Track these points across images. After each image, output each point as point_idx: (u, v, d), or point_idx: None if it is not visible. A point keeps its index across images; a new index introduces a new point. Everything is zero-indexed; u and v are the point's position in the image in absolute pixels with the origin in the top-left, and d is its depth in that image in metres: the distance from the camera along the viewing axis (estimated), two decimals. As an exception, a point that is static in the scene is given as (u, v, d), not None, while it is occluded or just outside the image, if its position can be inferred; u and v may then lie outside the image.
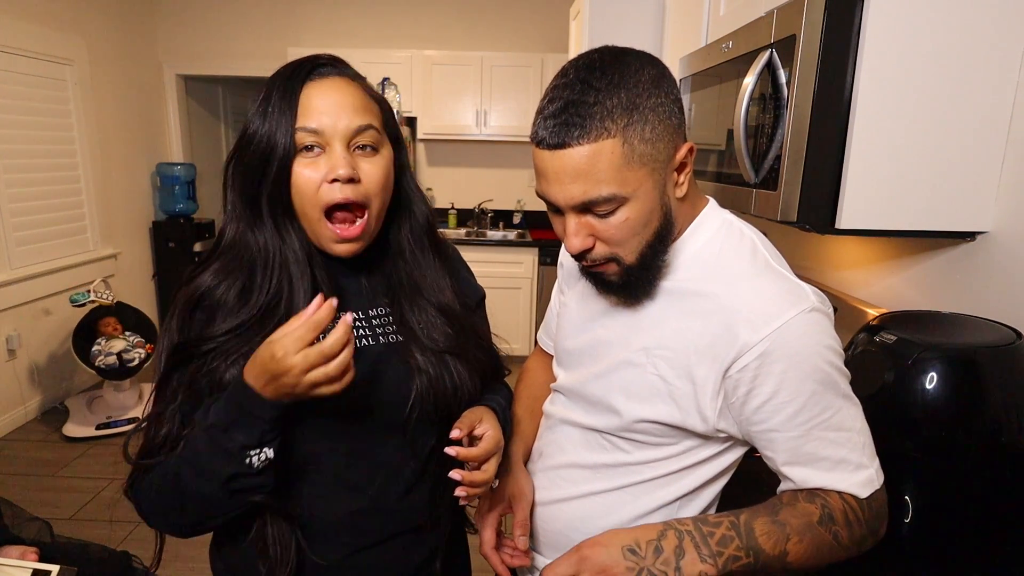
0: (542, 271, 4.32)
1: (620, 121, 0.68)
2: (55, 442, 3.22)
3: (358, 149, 0.79)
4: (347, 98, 0.78)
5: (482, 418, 0.85)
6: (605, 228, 0.73)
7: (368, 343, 0.86)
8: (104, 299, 3.31)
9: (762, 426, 0.75)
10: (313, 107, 0.77)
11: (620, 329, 0.84)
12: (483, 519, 0.91)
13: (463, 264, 1.03)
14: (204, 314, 0.80)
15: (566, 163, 0.69)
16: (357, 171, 0.77)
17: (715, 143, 1.32)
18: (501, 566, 0.88)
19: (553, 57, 4.31)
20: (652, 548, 0.71)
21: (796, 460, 0.75)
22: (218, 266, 0.82)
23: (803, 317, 0.71)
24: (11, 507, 1.31)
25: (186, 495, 0.75)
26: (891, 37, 0.94)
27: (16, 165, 3.32)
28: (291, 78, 0.78)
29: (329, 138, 0.77)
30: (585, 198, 0.70)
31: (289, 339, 0.66)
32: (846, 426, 0.74)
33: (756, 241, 0.80)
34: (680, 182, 0.76)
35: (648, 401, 0.80)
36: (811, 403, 0.72)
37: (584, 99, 0.68)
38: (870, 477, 0.75)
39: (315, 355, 0.66)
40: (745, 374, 0.73)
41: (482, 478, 0.81)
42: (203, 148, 5.20)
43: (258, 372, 0.69)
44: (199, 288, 0.81)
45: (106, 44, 4.02)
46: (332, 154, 0.77)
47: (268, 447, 0.72)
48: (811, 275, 1.55)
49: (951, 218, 1.02)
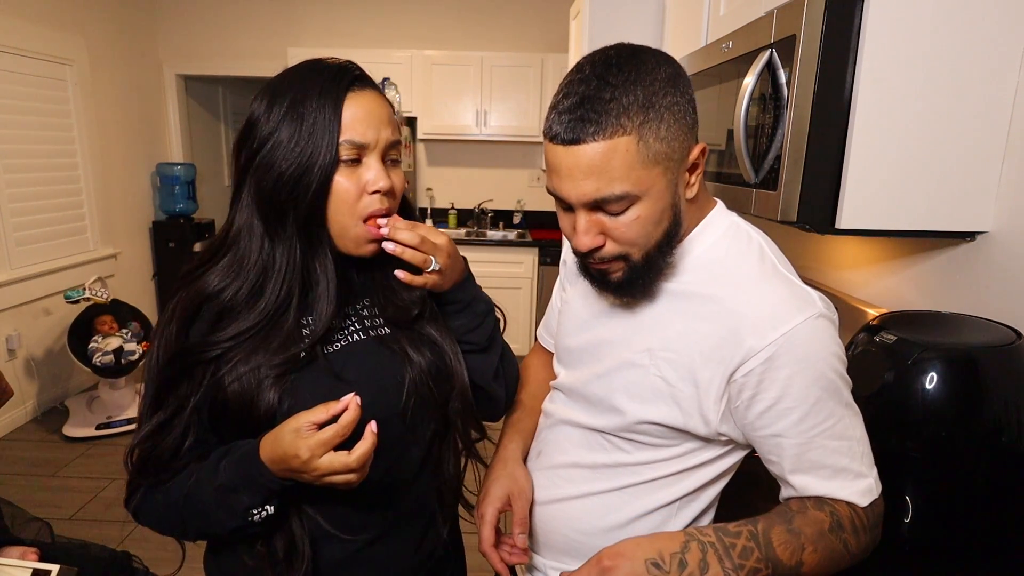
0: (542, 271, 4.32)
1: (636, 118, 0.67)
2: (55, 442, 3.22)
3: (390, 161, 0.82)
4: (384, 112, 0.81)
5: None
6: (616, 227, 0.72)
7: (360, 337, 0.87)
8: (99, 296, 3.31)
9: (765, 431, 0.75)
10: (357, 120, 0.77)
11: (623, 329, 0.84)
12: (482, 516, 0.90)
13: None
14: (209, 317, 0.80)
15: (580, 159, 0.68)
16: (391, 182, 0.80)
17: (715, 143, 1.32)
18: (500, 564, 0.88)
19: (553, 57, 4.30)
20: (676, 562, 0.69)
21: (798, 467, 0.75)
22: (224, 265, 0.81)
23: (810, 323, 0.71)
24: (11, 507, 1.31)
25: (188, 527, 0.81)
26: (891, 37, 0.94)
27: (16, 165, 3.32)
28: (330, 88, 0.77)
29: (369, 151, 0.79)
30: (598, 195, 0.70)
31: (316, 442, 0.69)
32: (847, 435, 0.74)
33: (763, 245, 0.80)
34: (692, 183, 0.75)
35: (650, 402, 0.79)
36: (815, 410, 0.72)
37: (600, 95, 0.67)
38: (869, 486, 0.75)
39: (340, 465, 0.70)
40: (750, 378, 0.73)
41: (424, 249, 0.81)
42: (203, 148, 5.20)
43: (277, 458, 0.72)
44: (204, 291, 0.80)
45: (106, 44, 4.02)
46: (370, 166, 0.79)
47: (271, 505, 0.76)
48: (811, 275, 1.55)
49: (951, 218, 1.01)
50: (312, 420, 0.70)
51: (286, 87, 0.78)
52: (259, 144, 0.77)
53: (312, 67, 0.80)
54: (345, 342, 0.85)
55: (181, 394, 0.79)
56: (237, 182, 0.82)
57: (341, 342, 0.85)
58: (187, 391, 0.79)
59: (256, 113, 0.78)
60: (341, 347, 0.85)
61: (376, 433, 0.72)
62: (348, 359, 0.84)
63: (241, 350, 0.78)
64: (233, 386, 0.77)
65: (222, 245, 0.83)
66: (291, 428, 0.71)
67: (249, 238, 0.80)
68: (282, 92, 0.77)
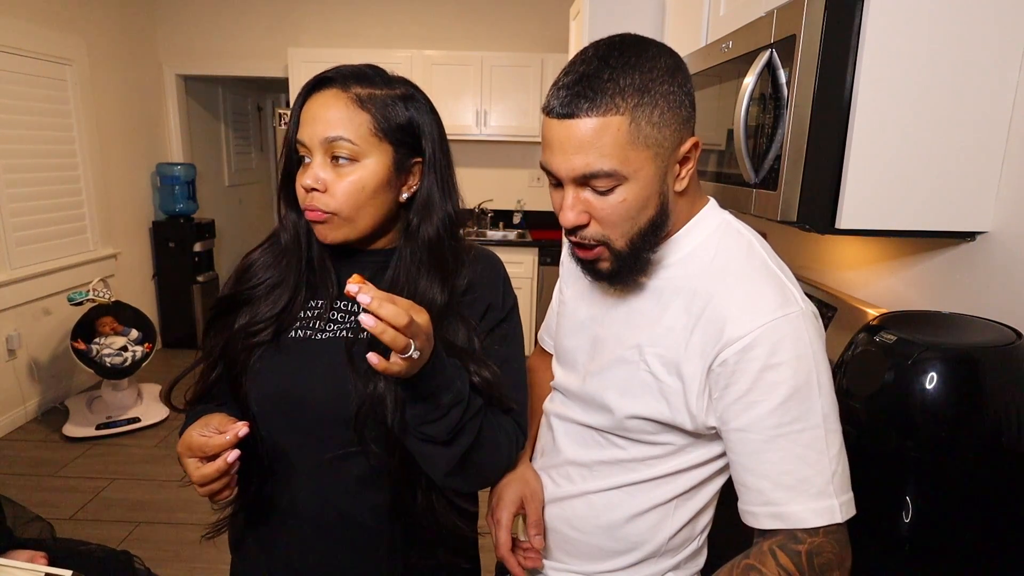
0: (542, 271, 4.32)
1: (631, 100, 0.69)
2: (55, 442, 3.23)
3: (333, 160, 0.83)
4: (328, 111, 0.82)
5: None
6: (602, 207, 0.73)
7: (344, 334, 0.87)
8: (102, 298, 3.31)
9: (733, 424, 0.74)
10: (304, 121, 0.84)
11: (616, 327, 0.85)
12: (498, 521, 0.90)
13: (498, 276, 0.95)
14: (246, 275, 0.93)
15: (572, 133, 0.70)
16: (323, 182, 0.82)
17: (715, 143, 1.32)
18: (518, 568, 0.88)
19: (553, 57, 4.30)
20: None
21: (756, 467, 0.73)
22: (266, 245, 0.95)
23: (790, 320, 0.71)
24: (13, 506, 1.31)
25: None
26: (891, 37, 0.94)
27: (16, 165, 3.32)
28: (302, 92, 0.86)
29: (311, 149, 0.83)
30: (587, 170, 0.71)
31: (185, 443, 0.78)
32: (817, 447, 0.71)
33: (753, 242, 0.80)
34: (681, 175, 0.76)
35: (639, 398, 0.80)
36: (782, 409, 0.71)
37: (599, 74, 0.69)
38: (831, 507, 0.70)
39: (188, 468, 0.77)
40: (725, 368, 0.73)
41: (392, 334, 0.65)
42: (203, 148, 5.20)
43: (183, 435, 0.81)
44: (248, 260, 0.95)
45: (106, 44, 4.02)
46: (312, 164, 0.83)
47: None
48: (811, 275, 1.55)
49: (951, 218, 1.01)
50: (216, 425, 0.79)
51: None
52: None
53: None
54: (325, 336, 0.87)
55: (215, 335, 0.92)
56: None
57: (315, 335, 0.87)
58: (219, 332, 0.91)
59: None
60: (320, 338, 0.87)
61: (229, 463, 0.75)
62: (319, 351, 0.86)
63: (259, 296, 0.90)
64: (235, 331, 0.89)
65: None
66: (203, 422, 0.81)
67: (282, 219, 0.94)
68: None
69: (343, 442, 0.83)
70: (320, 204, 0.82)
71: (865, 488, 0.87)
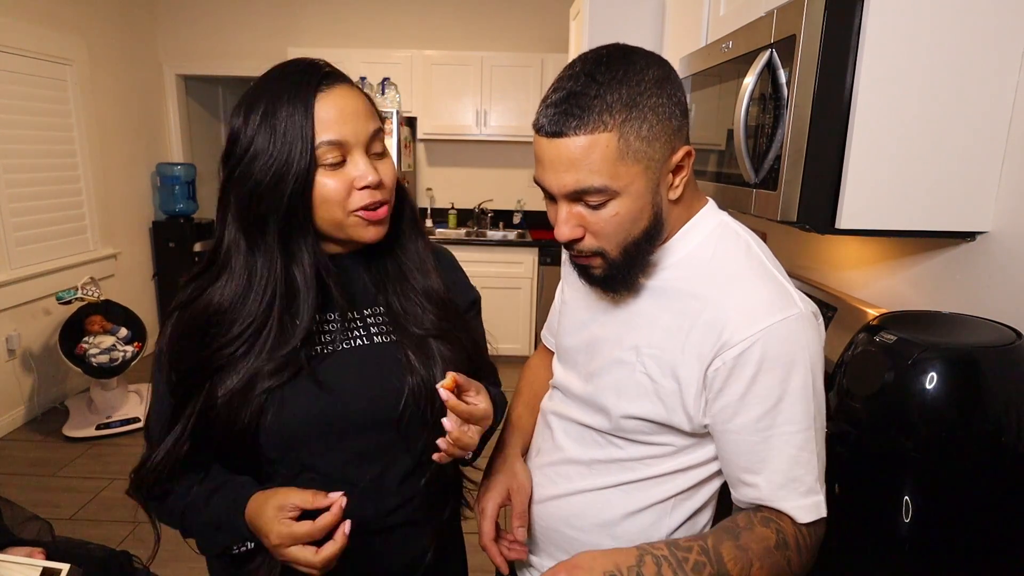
0: (542, 271, 4.32)
1: (618, 116, 0.69)
2: (55, 442, 3.22)
3: (374, 155, 0.81)
4: (358, 105, 0.80)
5: (480, 390, 0.82)
6: (595, 220, 0.74)
7: (363, 343, 0.87)
8: (91, 296, 3.30)
9: (727, 425, 0.75)
10: (331, 119, 0.76)
11: (615, 328, 0.85)
12: (483, 511, 0.91)
13: (456, 266, 1.03)
14: (214, 331, 0.80)
15: (562, 151, 0.71)
16: (379, 175, 0.80)
17: (715, 143, 1.32)
18: (499, 557, 0.89)
19: (553, 57, 4.30)
20: (633, 574, 0.70)
21: (751, 465, 0.75)
22: (224, 281, 0.81)
23: (788, 323, 0.71)
24: (11, 507, 1.31)
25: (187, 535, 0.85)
26: (891, 37, 0.94)
27: (16, 165, 3.32)
28: (299, 91, 0.76)
29: (352, 147, 0.78)
30: (577, 187, 0.71)
31: (287, 532, 0.71)
32: (809, 447, 0.74)
33: (751, 243, 0.81)
34: (675, 184, 0.76)
35: (635, 399, 0.80)
36: (777, 410, 0.72)
37: (586, 91, 0.69)
38: (817, 504, 0.74)
39: (303, 560, 0.71)
40: (721, 372, 0.73)
41: (465, 440, 0.79)
42: (203, 148, 5.20)
43: (255, 524, 0.75)
44: (209, 308, 0.80)
45: (106, 44, 4.02)
46: (355, 163, 0.79)
47: (251, 543, 0.80)
48: (811, 275, 1.55)
49: (951, 218, 1.01)
50: (296, 503, 0.73)
51: (259, 97, 0.78)
52: (238, 158, 0.78)
53: (280, 72, 0.80)
54: (343, 347, 0.85)
55: (191, 411, 0.80)
56: (220, 198, 0.81)
57: (339, 347, 0.85)
58: (196, 407, 0.80)
59: (235, 127, 0.79)
60: (338, 352, 0.85)
61: (348, 535, 0.73)
62: (342, 365, 0.84)
63: (238, 357, 0.79)
64: (224, 397, 0.78)
65: (212, 263, 0.83)
66: (275, 504, 0.73)
67: (237, 253, 0.81)
68: (256, 102, 0.77)
69: (386, 446, 0.85)
70: (381, 197, 0.81)
71: (865, 488, 0.87)
